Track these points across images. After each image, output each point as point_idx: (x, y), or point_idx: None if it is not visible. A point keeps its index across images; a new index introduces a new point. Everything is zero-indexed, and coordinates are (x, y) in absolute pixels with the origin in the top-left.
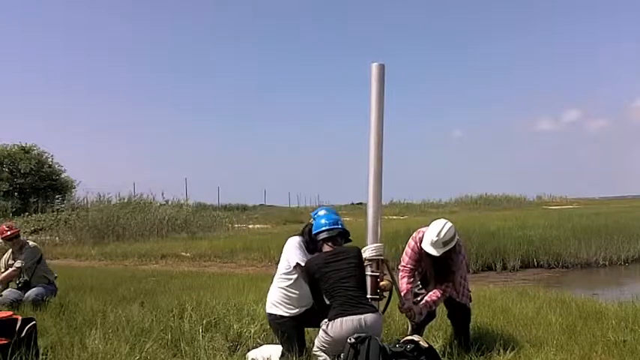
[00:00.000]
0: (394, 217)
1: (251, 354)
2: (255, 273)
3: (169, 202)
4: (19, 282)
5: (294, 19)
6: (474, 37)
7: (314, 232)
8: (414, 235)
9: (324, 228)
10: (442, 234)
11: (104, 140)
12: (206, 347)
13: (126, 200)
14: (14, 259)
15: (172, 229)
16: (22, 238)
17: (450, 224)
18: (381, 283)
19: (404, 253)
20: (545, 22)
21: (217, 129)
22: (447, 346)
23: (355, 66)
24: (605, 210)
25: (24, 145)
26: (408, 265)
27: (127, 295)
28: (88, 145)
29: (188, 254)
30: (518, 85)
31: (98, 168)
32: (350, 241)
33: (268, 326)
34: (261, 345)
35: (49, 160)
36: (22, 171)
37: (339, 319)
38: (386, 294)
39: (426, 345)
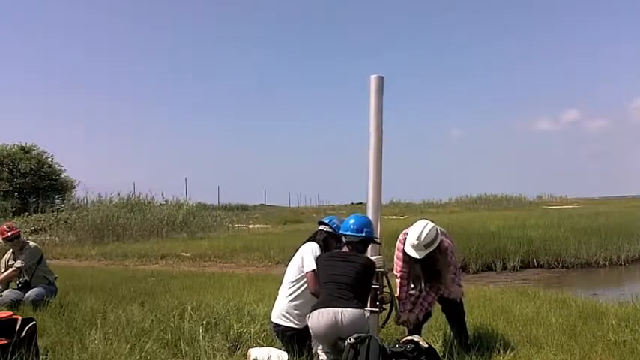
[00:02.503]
0: (394, 217)
1: (254, 351)
2: (255, 273)
3: (169, 202)
4: (19, 282)
5: (295, 20)
6: (474, 37)
7: (340, 231)
8: (399, 237)
9: (348, 232)
10: (422, 237)
11: (104, 140)
12: (206, 347)
13: (126, 200)
14: (15, 260)
15: (172, 229)
16: (22, 238)
17: (430, 226)
18: (380, 296)
19: (395, 258)
20: (545, 22)
21: (217, 129)
22: (447, 346)
23: (355, 66)
24: (605, 210)
25: (24, 145)
26: (404, 270)
27: (127, 295)
28: (88, 145)
29: (188, 254)
30: (518, 85)
31: (98, 168)
32: (378, 243)
33: (268, 327)
34: (262, 346)
35: (49, 160)
36: (22, 171)
37: (316, 310)
38: (386, 306)
39: (426, 345)
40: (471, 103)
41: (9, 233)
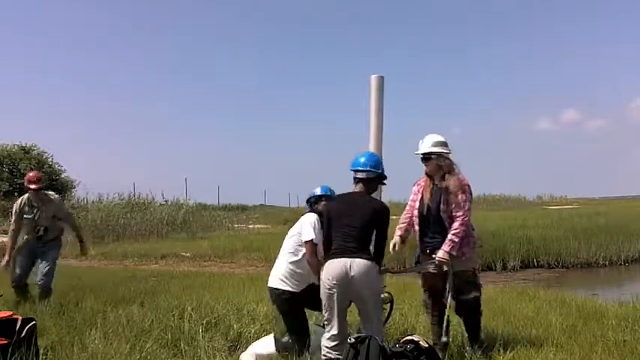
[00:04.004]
0: (394, 216)
1: (243, 357)
2: (255, 273)
3: (169, 202)
4: (38, 230)
5: (295, 20)
6: (474, 37)
7: (351, 168)
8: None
9: (361, 168)
10: (427, 137)
11: (104, 140)
12: (206, 347)
13: (126, 200)
14: (32, 207)
15: (172, 229)
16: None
17: (438, 135)
18: (381, 296)
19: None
20: (544, 22)
21: (217, 129)
22: (447, 347)
23: (355, 66)
24: (605, 210)
25: (24, 145)
26: (408, 214)
27: (127, 295)
28: (88, 145)
29: (188, 254)
30: (518, 85)
31: (98, 168)
32: (384, 184)
33: (268, 326)
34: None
35: (49, 160)
36: (22, 171)
37: (328, 261)
38: (386, 306)
39: (426, 345)
40: (470, 103)
41: (34, 186)
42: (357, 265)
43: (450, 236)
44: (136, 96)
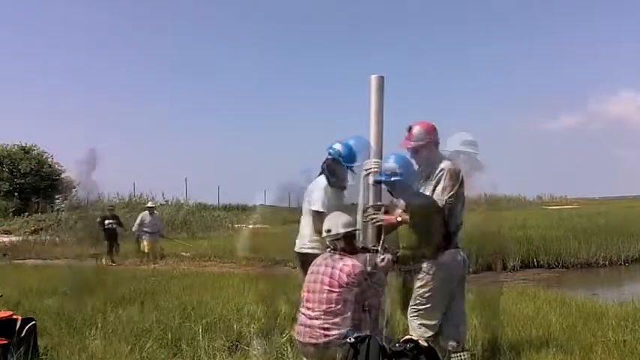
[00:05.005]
0: None
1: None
2: (255, 273)
3: (169, 202)
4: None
5: (295, 20)
6: (474, 37)
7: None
8: None
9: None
10: (455, 135)
11: (104, 140)
12: (206, 347)
13: (126, 200)
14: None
15: (172, 229)
16: None
17: (467, 133)
18: None
19: None
20: (544, 22)
21: (217, 129)
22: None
23: (355, 66)
24: (605, 210)
25: (24, 145)
26: None
27: (127, 295)
28: (87, 145)
29: (188, 254)
30: (517, 85)
31: (98, 168)
32: None
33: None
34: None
35: (49, 160)
36: (22, 171)
37: None
38: None
39: (426, 344)
40: (470, 103)
41: None
42: None
43: None
44: (136, 96)
